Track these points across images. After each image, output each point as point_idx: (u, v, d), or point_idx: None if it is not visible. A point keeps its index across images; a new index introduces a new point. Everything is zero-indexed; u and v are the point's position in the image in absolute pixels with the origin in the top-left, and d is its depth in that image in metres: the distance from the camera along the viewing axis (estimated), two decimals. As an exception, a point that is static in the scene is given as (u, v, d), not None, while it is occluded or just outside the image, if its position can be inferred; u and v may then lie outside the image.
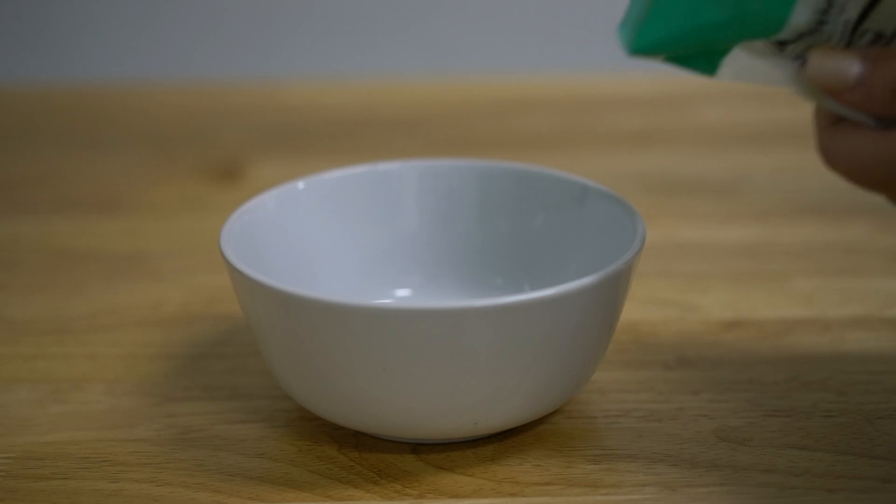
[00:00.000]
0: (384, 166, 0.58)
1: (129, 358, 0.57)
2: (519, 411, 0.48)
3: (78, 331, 0.60)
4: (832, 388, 0.53)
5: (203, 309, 0.62)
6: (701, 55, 0.45)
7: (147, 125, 0.92)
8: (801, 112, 0.66)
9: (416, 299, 0.57)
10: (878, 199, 0.49)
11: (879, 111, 0.43)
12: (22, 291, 0.65)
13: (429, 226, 0.58)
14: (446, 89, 0.98)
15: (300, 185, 0.56)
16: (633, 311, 0.59)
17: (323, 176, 0.57)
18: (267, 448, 0.50)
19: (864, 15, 0.43)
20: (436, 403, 0.47)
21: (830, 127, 0.45)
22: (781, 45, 0.45)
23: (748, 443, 0.49)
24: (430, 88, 0.98)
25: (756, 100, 0.90)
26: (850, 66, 0.43)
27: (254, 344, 0.53)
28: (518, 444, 0.50)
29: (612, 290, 0.48)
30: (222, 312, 0.61)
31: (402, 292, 0.58)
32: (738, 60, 0.45)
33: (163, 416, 0.52)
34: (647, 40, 0.43)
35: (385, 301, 0.56)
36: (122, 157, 0.85)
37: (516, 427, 0.50)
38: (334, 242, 0.57)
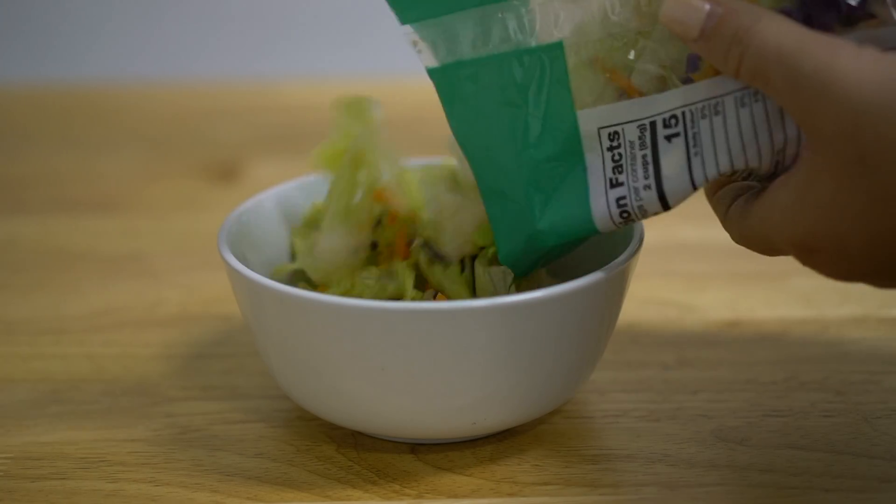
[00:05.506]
0: (382, 166, 0.58)
1: (127, 358, 0.57)
2: (517, 411, 0.48)
3: (76, 331, 0.60)
4: (830, 387, 0.53)
5: (201, 309, 0.62)
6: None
7: (145, 125, 0.92)
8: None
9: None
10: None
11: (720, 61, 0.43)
12: (19, 291, 0.65)
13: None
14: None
15: (298, 184, 0.56)
16: (632, 311, 0.59)
17: (321, 175, 0.57)
18: (265, 448, 0.50)
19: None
20: (434, 403, 0.47)
21: (724, 215, 0.47)
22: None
23: (746, 442, 0.49)
24: (430, 88, 0.98)
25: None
26: (703, 6, 0.43)
27: (252, 344, 0.53)
28: (516, 444, 0.50)
29: (611, 290, 0.48)
30: (220, 312, 0.61)
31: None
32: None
33: (161, 416, 0.52)
34: (520, 269, 0.49)
35: (384, 301, 0.55)
36: (120, 157, 0.85)
37: (515, 427, 0.50)
38: (332, 242, 0.57)
